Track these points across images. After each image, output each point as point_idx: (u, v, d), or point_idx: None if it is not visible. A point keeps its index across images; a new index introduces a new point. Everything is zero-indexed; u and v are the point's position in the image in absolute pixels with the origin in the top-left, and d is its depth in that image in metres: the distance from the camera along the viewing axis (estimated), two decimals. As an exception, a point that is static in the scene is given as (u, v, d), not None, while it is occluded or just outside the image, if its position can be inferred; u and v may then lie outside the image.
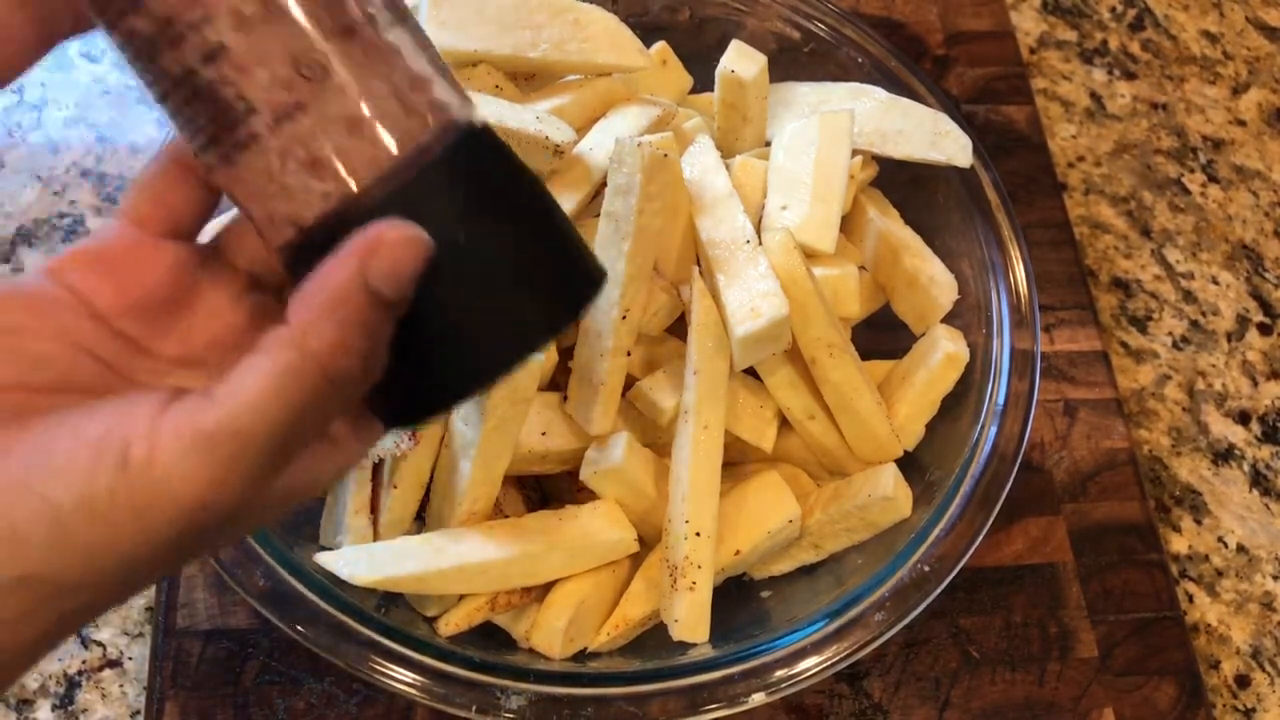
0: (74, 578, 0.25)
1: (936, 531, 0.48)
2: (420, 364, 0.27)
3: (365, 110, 0.26)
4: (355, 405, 0.29)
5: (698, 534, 0.46)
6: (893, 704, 0.54)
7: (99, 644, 0.52)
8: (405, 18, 0.28)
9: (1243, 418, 0.66)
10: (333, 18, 0.26)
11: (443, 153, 0.27)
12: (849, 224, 0.57)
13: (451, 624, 0.47)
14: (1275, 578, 0.61)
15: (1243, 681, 0.58)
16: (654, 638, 0.49)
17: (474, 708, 0.43)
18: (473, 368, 0.27)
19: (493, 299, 0.27)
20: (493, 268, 0.27)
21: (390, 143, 0.26)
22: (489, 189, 0.28)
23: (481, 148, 0.28)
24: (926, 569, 0.47)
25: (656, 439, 0.50)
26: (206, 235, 0.32)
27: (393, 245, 0.25)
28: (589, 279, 0.29)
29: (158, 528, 0.24)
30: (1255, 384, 0.67)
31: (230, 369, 0.25)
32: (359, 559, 0.45)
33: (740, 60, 0.54)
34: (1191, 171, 0.74)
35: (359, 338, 0.25)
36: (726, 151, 0.56)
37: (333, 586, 0.45)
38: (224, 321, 0.31)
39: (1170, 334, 0.68)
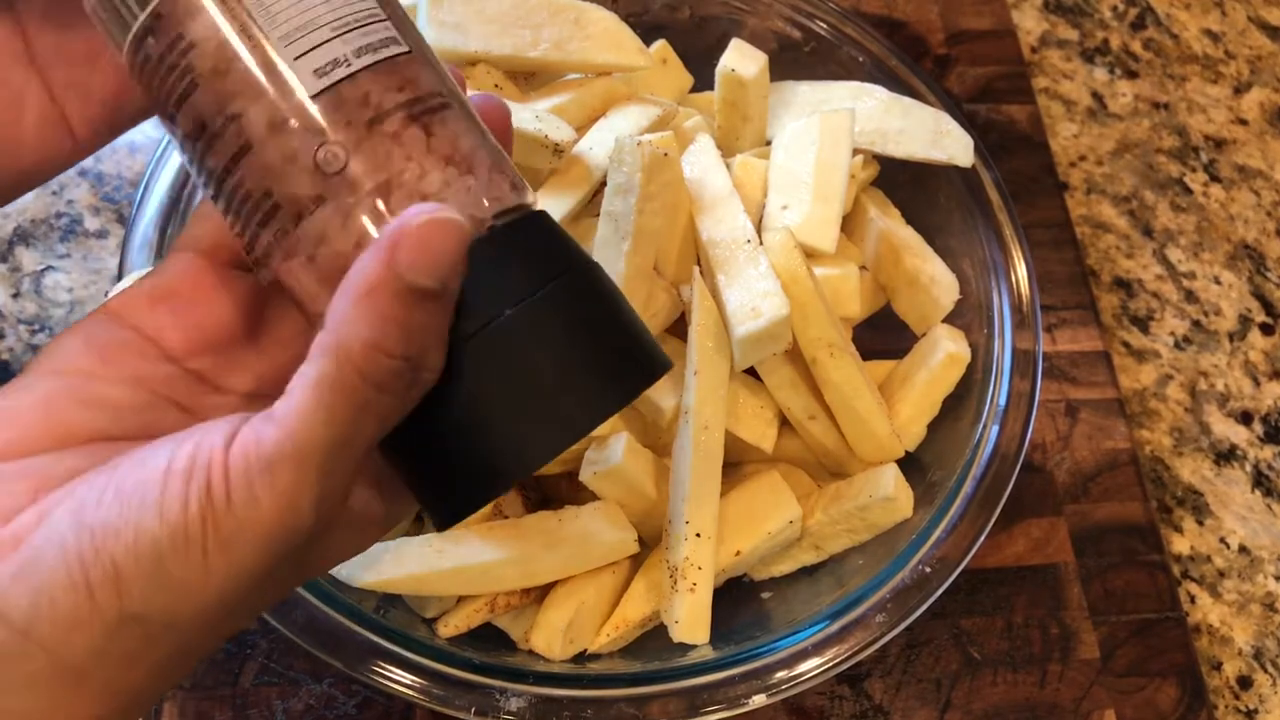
0: (169, 617, 0.24)
1: (938, 532, 0.48)
2: (471, 451, 0.26)
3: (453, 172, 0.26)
4: (385, 483, 0.28)
5: (698, 535, 0.46)
6: (894, 705, 0.53)
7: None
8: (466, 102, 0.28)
9: (1245, 418, 0.66)
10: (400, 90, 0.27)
11: (506, 225, 0.27)
12: (850, 224, 0.57)
13: (451, 625, 0.47)
14: (1277, 578, 0.61)
15: (1245, 683, 0.58)
16: (654, 639, 0.49)
17: (473, 709, 0.43)
18: (526, 448, 0.26)
19: (551, 375, 0.26)
20: (554, 343, 0.26)
21: (502, 191, 0.27)
22: (548, 263, 0.27)
23: (542, 226, 0.28)
24: (928, 570, 0.47)
25: (656, 439, 0.50)
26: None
27: (418, 231, 0.24)
28: (650, 361, 0.28)
29: (244, 559, 0.24)
30: (1257, 384, 0.67)
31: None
32: (358, 560, 0.45)
33: (741, 59, 0.53)
34: (1193, 171, 0.74)
35: (397, 336, 0.24)
36: (727, 151, 0.56)
37: (331, 588, 0.45)
38: (293, 352, 0.30)
39: (1172, 334, 0.68)
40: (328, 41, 0.26)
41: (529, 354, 0.26)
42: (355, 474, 0.26)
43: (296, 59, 0.26)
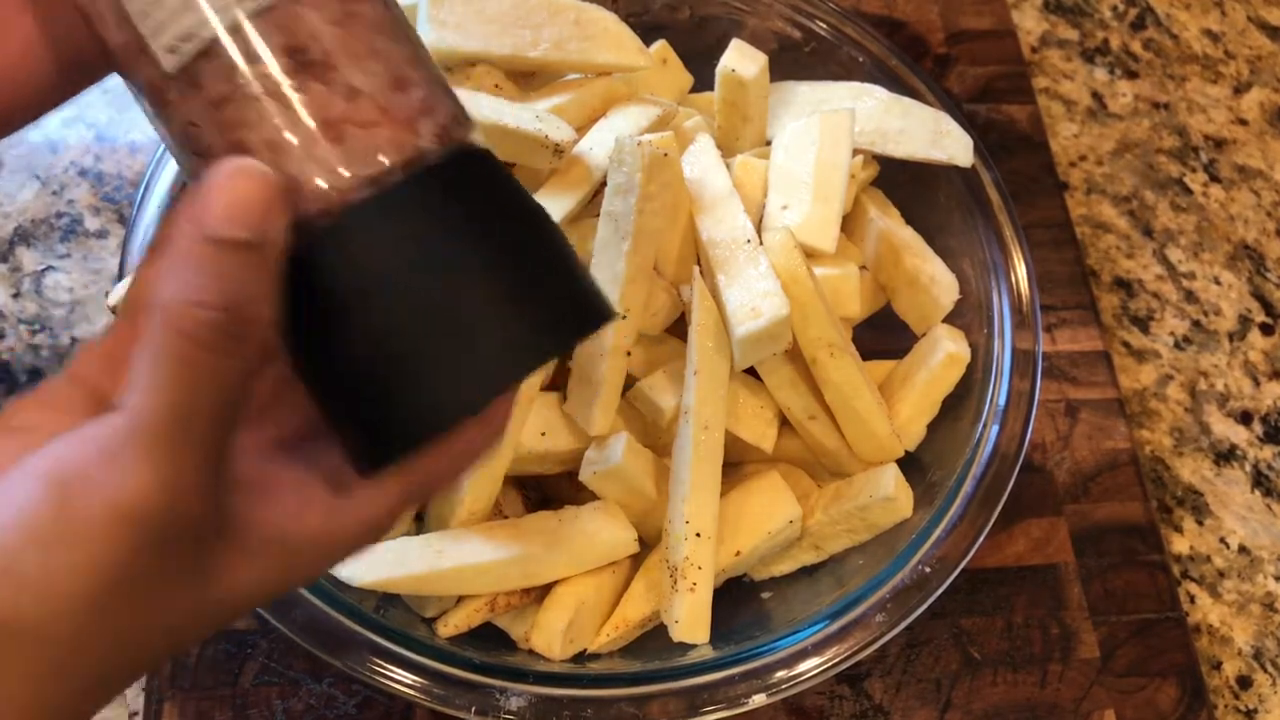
0: (32, 623, 0.23)
1: (938, 532, 0.48)
2: (400, 392, 0.25)
3: (354, 111, 0.25)
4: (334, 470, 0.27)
5: (698, 535, 0.46)
6: (894, 705, 0.53)
7: (97, 645, 0.52)
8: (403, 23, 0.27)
9: (1244, 418, 0.66)
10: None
11: (434, 165, 0.26)
12: (850, 224, 0.57)
13: (451, 625, 0.47)
14: (1277, 578, 0.61)
15: (1244, 682, 0.58)
16: (654, 639, 0.49)
17: (473, 709, 0.43)
18: (456, 392, 0.25)
19: (479, 319, 0.25)
20: (480, 286, 0.25)
21: (385, 150, 0.25)
22: (482, 205, 0.26)
23: (477, 165, 0.27)
24: (927, 570, 0.47)
25: (656, 439, 0.50)
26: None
27: (223, 184, 0.24)
28: (590, 309, 0.27)
29: (115, 547, 0.23)
30: (1257, 384, 0.67)
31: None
32: (358, 560, 0.45)
33: (741, 59, 0.53)
34: (1193, 171, 0.74)
35: (207, 285, 0.24)
36: (727, 151, 0.56)
37: (331, 588, 0.45)
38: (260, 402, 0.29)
39: (1172, 334, 0.68)
40: (177, 13, 0.25)
41: (443, 305, 0.25)
42: (219, 451, 0.25)
43: (152, 36, 0.25)
